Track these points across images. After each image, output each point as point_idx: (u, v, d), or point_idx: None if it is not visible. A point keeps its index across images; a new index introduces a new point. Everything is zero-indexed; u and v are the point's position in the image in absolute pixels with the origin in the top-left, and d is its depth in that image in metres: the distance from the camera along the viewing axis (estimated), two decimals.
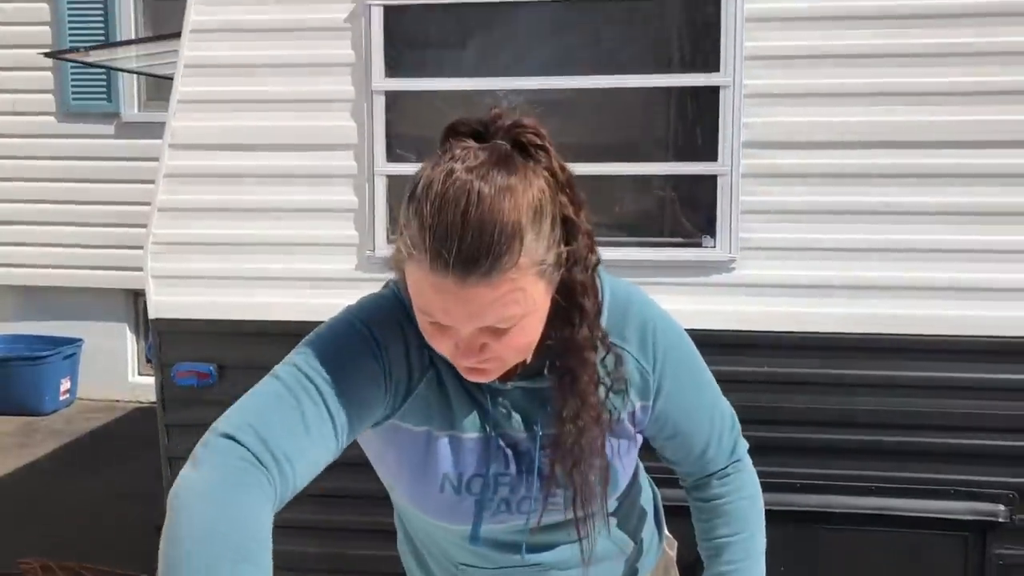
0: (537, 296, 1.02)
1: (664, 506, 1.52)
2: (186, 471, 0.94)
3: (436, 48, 2.47)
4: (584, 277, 1.08)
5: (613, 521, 1.32)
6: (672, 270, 2.26)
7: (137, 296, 6.46)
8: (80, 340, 6.37)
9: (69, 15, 6.12)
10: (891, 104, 2.18)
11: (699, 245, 2.28)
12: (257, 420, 0.98)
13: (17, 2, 6.16)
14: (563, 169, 1.04)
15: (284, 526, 2.36)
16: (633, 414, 1.21)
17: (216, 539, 0.87)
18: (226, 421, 0.99)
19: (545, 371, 1.14)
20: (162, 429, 2.49)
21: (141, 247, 2.58)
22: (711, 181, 2.24)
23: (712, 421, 1.28)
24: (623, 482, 1.25)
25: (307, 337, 1.11)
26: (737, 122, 2.20)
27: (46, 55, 4.68)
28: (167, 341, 2.44)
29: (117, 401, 6.48)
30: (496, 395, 1.15)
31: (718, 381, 1.30)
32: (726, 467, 1.32)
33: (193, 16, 2.35)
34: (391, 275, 1.20)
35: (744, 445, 1.33)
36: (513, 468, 1.18)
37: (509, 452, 1.17)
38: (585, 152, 2.36)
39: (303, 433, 1.00)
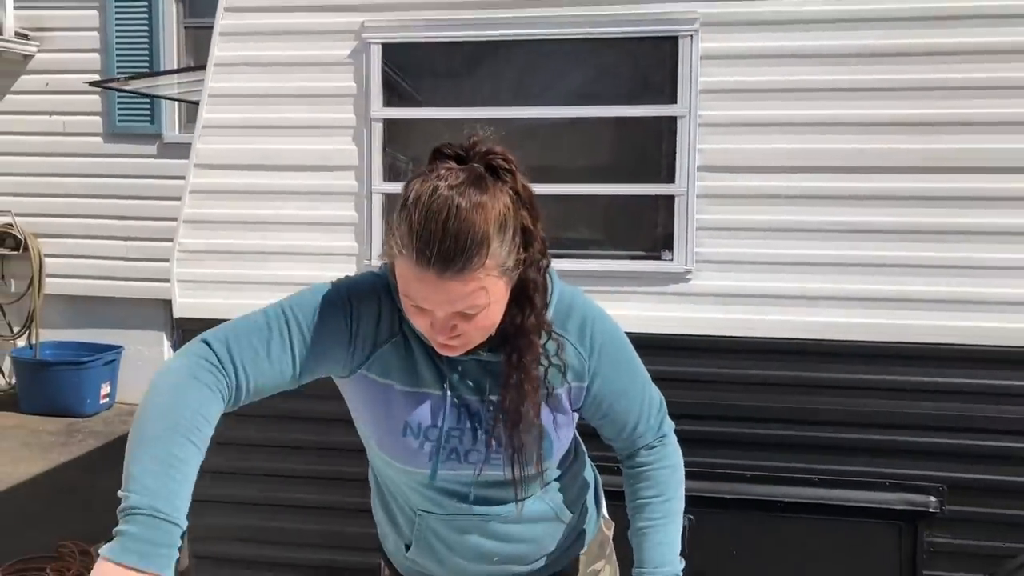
0: (498, 290, 1.29)
1: (606, 491, 1.76)
2: (169, 361, 1.27)
3: (427, 80, 2.75)
4: (536, 276, 1.35)
5: (553, 487, 1.57)
6: (635, 280, 2.50)
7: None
8: (120, 347, 6.67)
9: (117, 43, 6.47)
10: (829, 133, 2.39)
11: (659, 258, 2.50)
12: (232, 337, 1.29)
13: (68, 31, 6.52)
14: (525, 188, 1.31)
15: (289, 505, 2.63)
16: (570, 392, 1.46)
17: (169, 416, 1.20)
18: (211, 332, 1.30)
19: (496, 348, 1.40)
20: None
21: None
22: (670, 201, 2.48)
23: (642, 404, 1.53)
24: (557, 451, 1.49)
25: (302, 289, 1.40)
26: (693, 149, 2.43)
27: (91, 84, 5.04)
28: (190, 338, 2.73)
29: None
30: (455, 363, 1.41)
31: (675, 380, 1.56)
32: (652, 442, 1.56)
33: (216, 52, 2.65)
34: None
35: (670, 425, 1.57)
36: (466, 424, 1.42)
37: (462, 411, 1.42)
38: (561, 174, 2.61)
39: (264, 358, 1.29)
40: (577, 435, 1.62)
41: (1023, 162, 2.32)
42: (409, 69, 2.64)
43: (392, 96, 2.57)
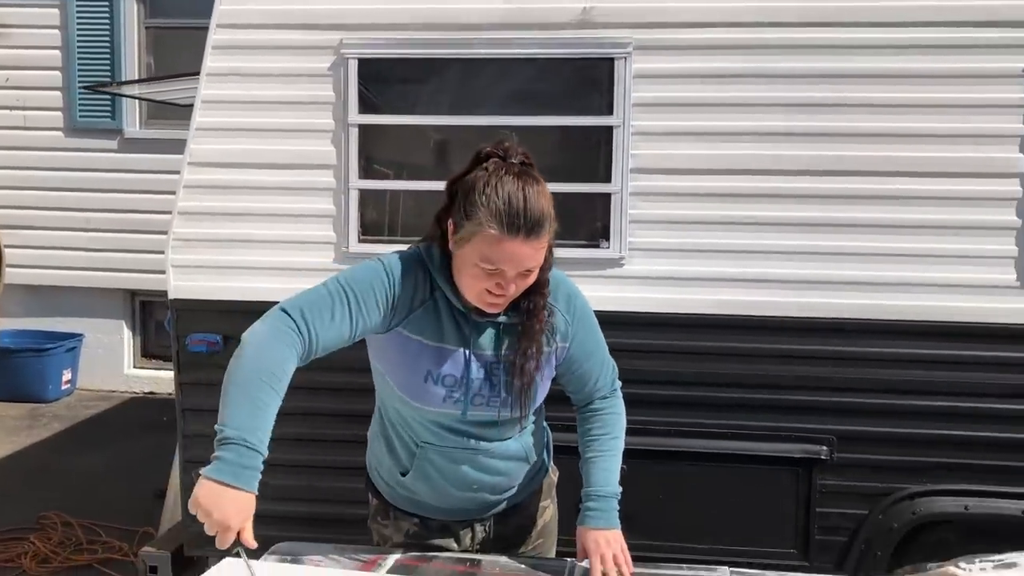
0: (544, 257, 1.71)
1: (555, 446, 2.16)
2: (259, 330, 1.64)
3: (399, 90, 3.12)
4: (551, 255, 1.78)
5: (527, 431, 1.98)
6: (578, 265, 2.86)
7: (134, 296, 6.93)
8: (81, 335, 6.83)
9: (78, 41, 6.57)
10: (741, 141, 2.80)
11: (598, 247, 2.90)
12: (305, 306, 1.68)
13: (29, 29, 6.62)
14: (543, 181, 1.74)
15: (276, 464, 2.94)
16: (556, 351, 1.88)
17: (256, 367, 1.57)
18: (288, 302, 1.69)
19: (510, 313, 1.79)
20: (177, 386, 3.10)
21: (139, 251, 3.15)
22: (607, 198, 2.88)
23: (602, 363, 1.96)
24: (539, 400, 1.91)
25: (354, 267, 1.79)
26: (626, 154, 2.84)
27: (85, 87, 5.27)
28: (182, 317, 3.05)
29: (113, 391, 6.92)
30: (476, 326, 1.81)
31: (612, 351, 1.98)
32: (606, 394, 1.99)
33: (209, 63, 2.97)
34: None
35: (619, 384, 2.01)
36: (480, 375, 1.82)
37: (477, 364, 1.82)
38: None
39: (329, 322, 1.68)
40: None
41: (896, 167, 2.77)
42: (383, 80, 3.00)
43: (370, 102, 2.93)
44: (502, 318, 1.80)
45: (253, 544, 1.56)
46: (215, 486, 1.50)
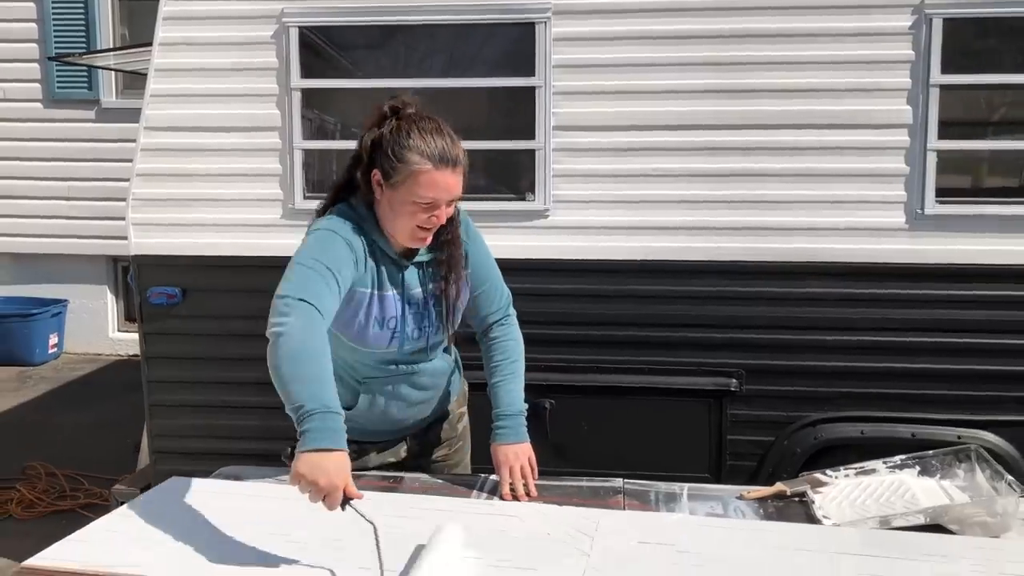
0: None
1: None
2: (287, 320, 1.74)
3: (338, 56, 3.32)
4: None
5: (448, 351, 2.23)
6: (507, 217, 3.11)
7: (116, 261, 7.14)
8: (66, 301, 7.00)
9: (53, 13, 6.71)
10: (656, 99, 3.01)
11: (524, 199, 3.13)
12: (309, 291, 1.82)
13: (5, 2, 6.73)
14: None
15: (232, 407, 3.19)
16: (467, 276, 2.11)
17: (304, 347, 1.74)
18: (291, 289, 1.79)
19: (431, 250, 2.03)
20: (141, 336, 3.35)
21: (119, 218, 3.34)
22: (531, 154, 3.11)
23: (497, 288, 2.19)
24: (458, 322, 2.15)
25: (310, 242, 1.94)
26: (548, 112, 3.05)
27: (50, 59, 5.44)
28: (144, 272, 3.28)
29: (99, 354, 7.13)
30: (407, 268, 2.04)
31: (538, 295, 2.24)
32: (501, 319, 2.21)
33: (161, 33, 3.17)
34: (304, 220, 2.15)
35: (514, 312, 2.23)
36: (415, 310, 2.06)
37: (411, 302, 2.06)
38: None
39: (328, 294, 1.86)
40: None
41: (796, 120, 2.99)
42: (323, 47, 3.21)
43: (315, 65, 3.13)
44: (425, 257, 2.04)
45: (360, 495, 1.67)
46: (313, 456, 1.60)
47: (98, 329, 7.19)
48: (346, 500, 1.63)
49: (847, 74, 2.95)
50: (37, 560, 1.69)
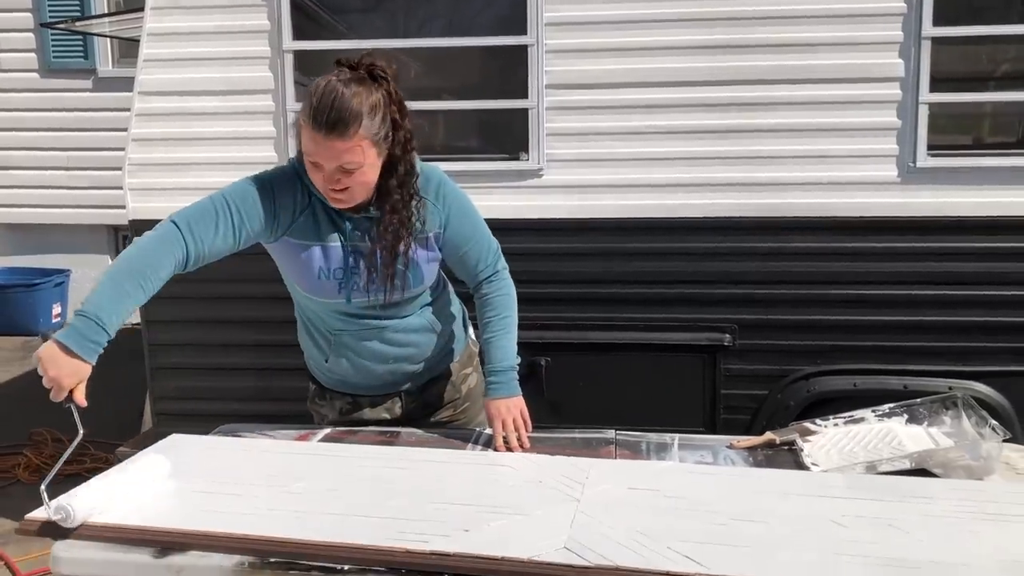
0: (371, 156, 1.87)
1: None
2: (145, 235, 1.88)
3: (330, 18, 3.32)
4: (400, 155, 1.96)
5: (427, 309, 2.22)
6: (500, 177, 3.13)
7: (117, 231, 7.19)
8: (68, 270, 7.04)
9: None
10: (650, 56, 3.03)
11: (518, 159, 3.15)
12: (192, 218, 1.90)
13: None
14: (396, 92, 1.94)
15: (229, 368, 3.22)
16: (434, 236, 2.10)
17: (131, 263, 1.83)
18: (178, 214, 1.92)
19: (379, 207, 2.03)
20: None
21: (119, 188, 3.36)
22: (525, 113, 3.12)
23: (481, 246, 2.18)
24: (427, 278, 2.14)
25: (239, 180, 2.00)
26: (541, 71, 3.06)
27: (43, 25, 5.43)
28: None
29: None
30: (351, 221, 2.04)
31: (532, 254, 2.24)
32: (490, 276, 2.22)
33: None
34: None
35: (504, 265, 2.23)
36: (361, 264, 2.06)
37: (358, 255, 2.05)
38: (441, 93, 3.23)
39: (214, 232, 1.91)
40: (445, 277, 2.28)
41: (790, 75, 2.99)
42: (315, 9, 3.21)
43: (308, 28, 3.13)
44: (374, 212, 2.01)
45: (83, 402, 1.76)
46: (57, 348, 1.70)
47: None
48: (70, 400, 1.73)
49: (839, 28, 2.95)
50: (40, 513, 1.73)
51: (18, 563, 3.41)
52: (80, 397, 1.74)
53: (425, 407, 2.34)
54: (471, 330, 2.46)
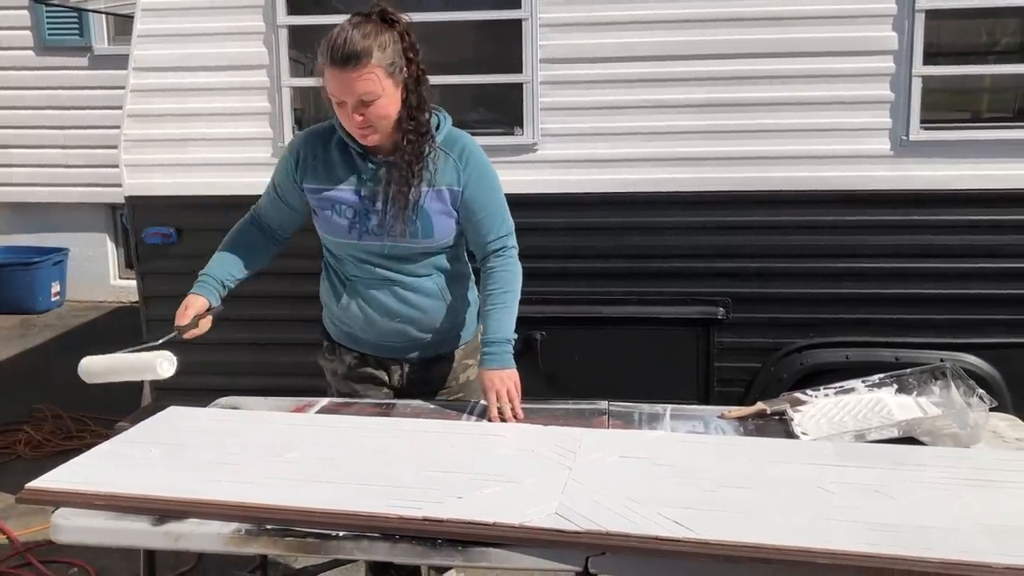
0: (388, 86, 2.03)
1: None
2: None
3: None
4: (416, 96, 2.11)
5: (441, 275, 2.29)
6: (495, 152, 3.10)
7: (115, 209, 7.18)
8: (67, 249, 7.05)
9: None
10: (643, 29, 3.03)
11: (513, 133, 3.15)
12: (263, 207, 2.34)
13: None
14: (409, 33, 2.10)
15: (229, 343, 3.23)
16: (450, 191, 2.19)
17: (229, 239, 2.29)
18: (256, 205, 2.36)
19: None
20: (138, 276, 3.40)
21: (116, 166, 3.38)
22: (519, 88, 3.13)
23: (495, 218, 2.25)
24: (437, 232, 2.21)
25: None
26: (535, 45, 3.05)
27: (36, 1, 5.41)
28: (138, 213, 3.32)
29: (102, 301, 7.20)
30: (368, 166, 2.18)
31: (527, 229, 2.26)
32: (499, 250, 2.26)
33: None
34: None
35: (515, 245, 2.29)
36: (374, 206, 2.18)
37: (370, 197, 2.18)
38: (438, 67, 3.21)
39: (277, 214, 2.32)
40: (470, 268, 2.38)
41: (783, 48, 2.99)
42: None
43: (302, 2, 3.13)
44: (390, 157, 2.14)
45: (184, 322, 2.22)
46: (189, 296, 2.25)
47: (99, 277, 7.25)
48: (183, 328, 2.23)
49: (833, 1, 2.95)
50: (40, 482, 1.76)
51: (19, 536, 3.45)
52: (183, 321, 2.24)
53: (423, 383, 2.38)
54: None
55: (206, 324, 2.23)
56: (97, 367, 2.22)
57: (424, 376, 2.38)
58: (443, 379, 2.39)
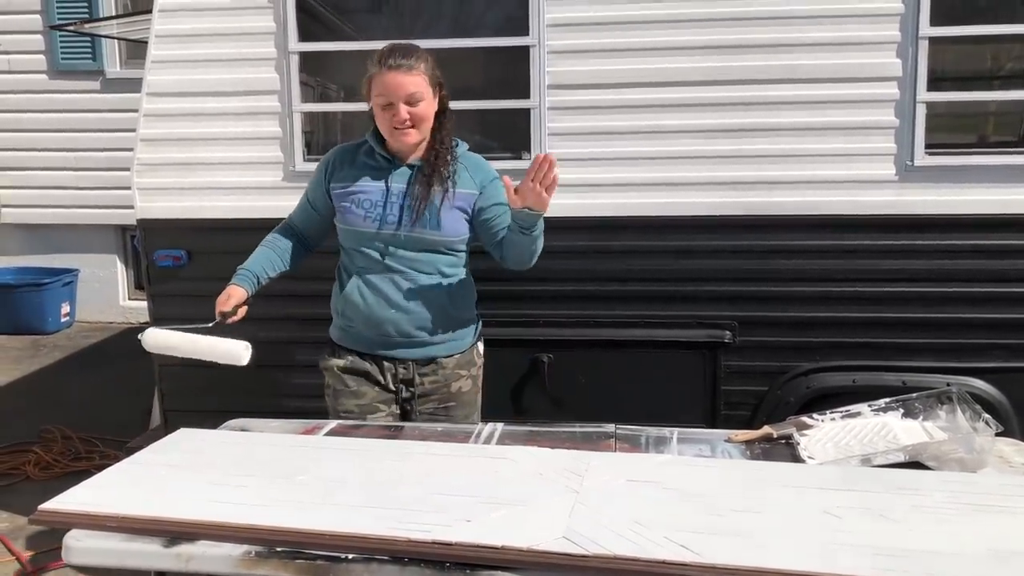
0: (428, 92, 2.38)
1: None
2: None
3: (336, 19, 3.36)
4: (445, 117, 2.46)
5: (443, 279, 2.48)
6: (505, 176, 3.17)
7: (125, 231, 7.26)
8: (77, 270, 7.12)
9: None
10: (651, 57, 3.06)
11: (520, 158, 3.20)
12: (294, 215, 2.69)
13: None
14: (437, 68, 2.43)
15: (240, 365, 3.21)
16: (465, 194, 2.46)
17: (266, 244, 2.56)
18: (289, 215, 2.70)
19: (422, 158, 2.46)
20: (148, 298, 3.43)
21: (127, 188, 3.41)
22: (527, 113, 3.16)
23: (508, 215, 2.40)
24: (444, 227, 2.44)
25: None
26: (543, 71, 3.09)
27: (52, 27, 5.50)
28: (149, 235, 3.36)
29: (111, 322, 7.26)
30: (393, 170, 2.46)
31: None
32: None
33: (160, 0, 3.23)
34: (304, 182, 2.72)
35: None
36: (394, 200, 2.44)
37: (393, 194, 2.44)
38: (452, 93, 3.25)
39: (299, 210, 2.68)
40: (472, 281, 2.59)
41: (789, 74, 3.02)
42: (320, 11, 3.25)
43: (313, 29, 3.18)
44: (417, 162, 2.46)
45: (225, 309, 2.47)
46: (229, 287, 2.52)
47: (109, 298, 7.30)
48: (224, 315, 2.47)
49: (837, 29, 2.98)
50: (53, 503, 1.78)
51: (28, 558, 3.46)
52: (223, 308, 2.48)
53: (415, 386, 2.55)
54: (480, 346, 2.66)
55: (243, 312, 2.48)
56: (169, 340, 2.39)
57: (417, 380, 2.54)
58: (434, 384, 2.55)
